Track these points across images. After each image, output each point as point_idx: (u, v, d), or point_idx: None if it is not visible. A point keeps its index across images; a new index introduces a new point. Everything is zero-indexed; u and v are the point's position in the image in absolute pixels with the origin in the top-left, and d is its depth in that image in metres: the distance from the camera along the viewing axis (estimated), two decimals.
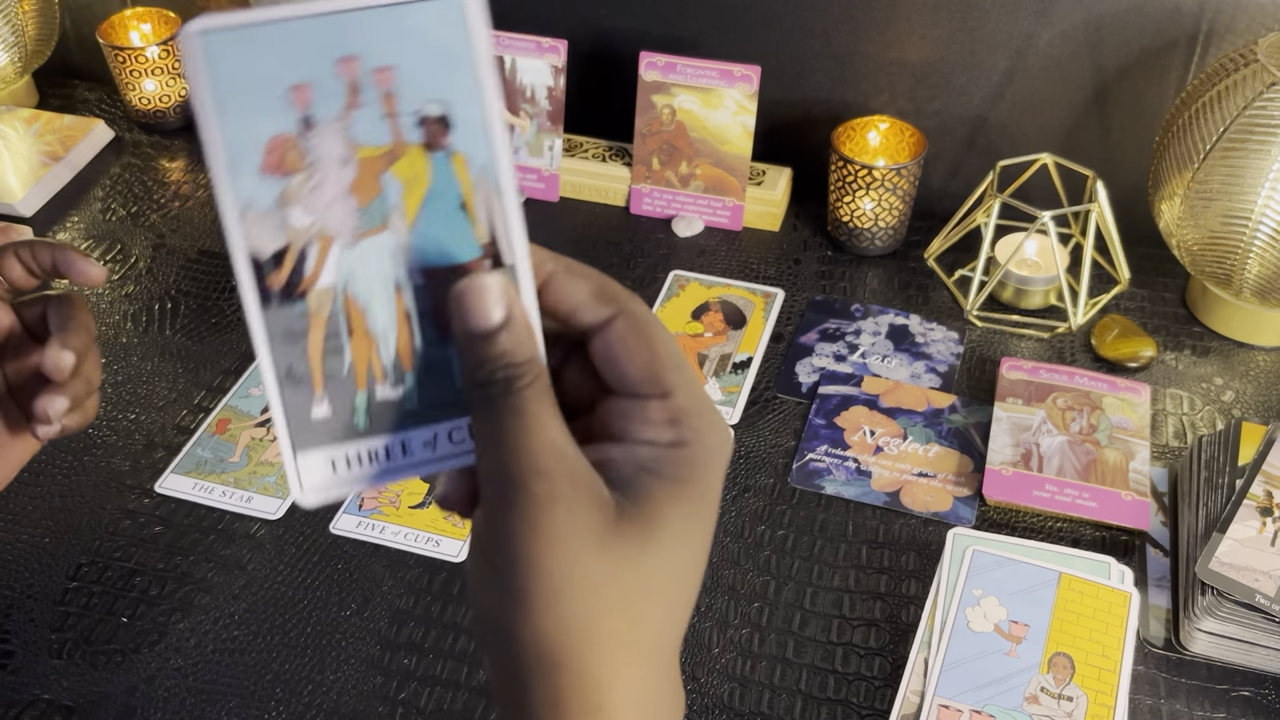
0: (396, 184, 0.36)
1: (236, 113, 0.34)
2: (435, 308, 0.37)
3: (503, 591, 0.33)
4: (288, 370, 0.36)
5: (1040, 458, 0.85)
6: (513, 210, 0.37)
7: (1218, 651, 0.74)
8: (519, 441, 0.33)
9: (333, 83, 0.35)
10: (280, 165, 0.35)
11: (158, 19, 1.24)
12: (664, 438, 0.35)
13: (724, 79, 1.06)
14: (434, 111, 0.36)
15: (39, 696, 0.74)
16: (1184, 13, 0.97)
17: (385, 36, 0.35)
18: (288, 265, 0.36)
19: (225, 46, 0.34)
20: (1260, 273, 0.88)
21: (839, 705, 0.73)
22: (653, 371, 0.36)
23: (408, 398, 0.37)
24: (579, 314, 0.37)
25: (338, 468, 0.37)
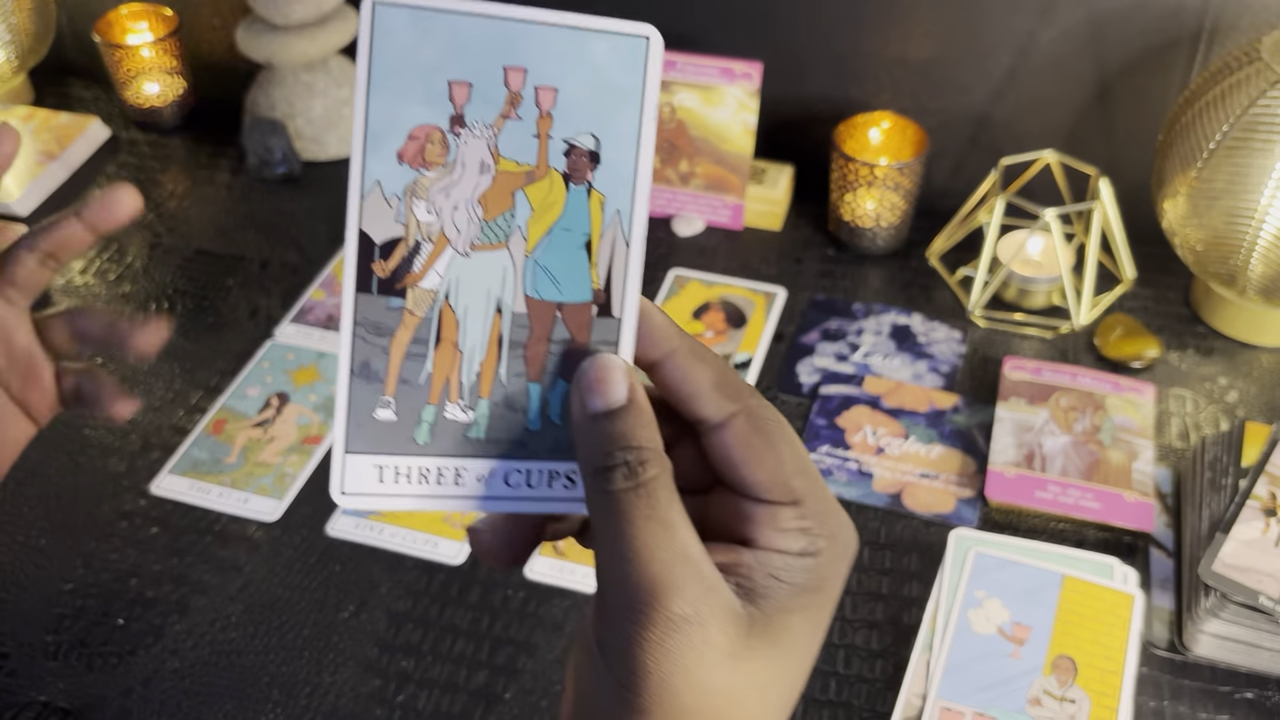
0: (527, 205, 0.35)
1: (390, 91, 0.34)
2: (530, 340, 0.36)
3: (620, 699, 0.32)
4: (364, 363, 0.35)
5: (1043, 458, 0.85)
6: (635, 264, 0.36)
7: (1221, 653, 0.73)
8: (652, 551, 0.32)
9: (494, 88, 0.34)
10: (419, 155, 0.34)
11: (154, 17, 1.23)
12: (795, 546, 0.34)
13: (725, 76, 1.06)
14: (586, 144, 0.35)
15: (35, 699, 0.74)
16: (1187, 10, 0.97)
17: (558, 56, 0.34)
18: (396, 256, 0.35)
19: (397, 22, 0.33)
20: (1265, 272, 0.88)
21: (840, 707, 0.73)
22: (781, 478, 0.34)
23: (475, 425, 0.36)
24: (696, 403, 0.35)
25: (385, 478, 0.36)
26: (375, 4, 0.33)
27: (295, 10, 1.10)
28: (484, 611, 0.78)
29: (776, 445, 0.34)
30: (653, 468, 0.33)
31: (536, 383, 0.36)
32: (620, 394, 0.34)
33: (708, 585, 0.32)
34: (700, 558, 0.32)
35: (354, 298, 0.35)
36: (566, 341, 0.36)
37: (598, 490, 0.33)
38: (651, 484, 0.32)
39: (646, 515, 0.32)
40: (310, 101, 1.16)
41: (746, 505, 0.35)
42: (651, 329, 0.35)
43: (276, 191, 1.16)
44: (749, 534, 0.34)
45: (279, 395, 0.93)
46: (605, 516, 0.33)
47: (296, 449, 0.89)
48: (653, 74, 0.35)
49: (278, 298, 1.03)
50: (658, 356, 0.35)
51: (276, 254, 1.08)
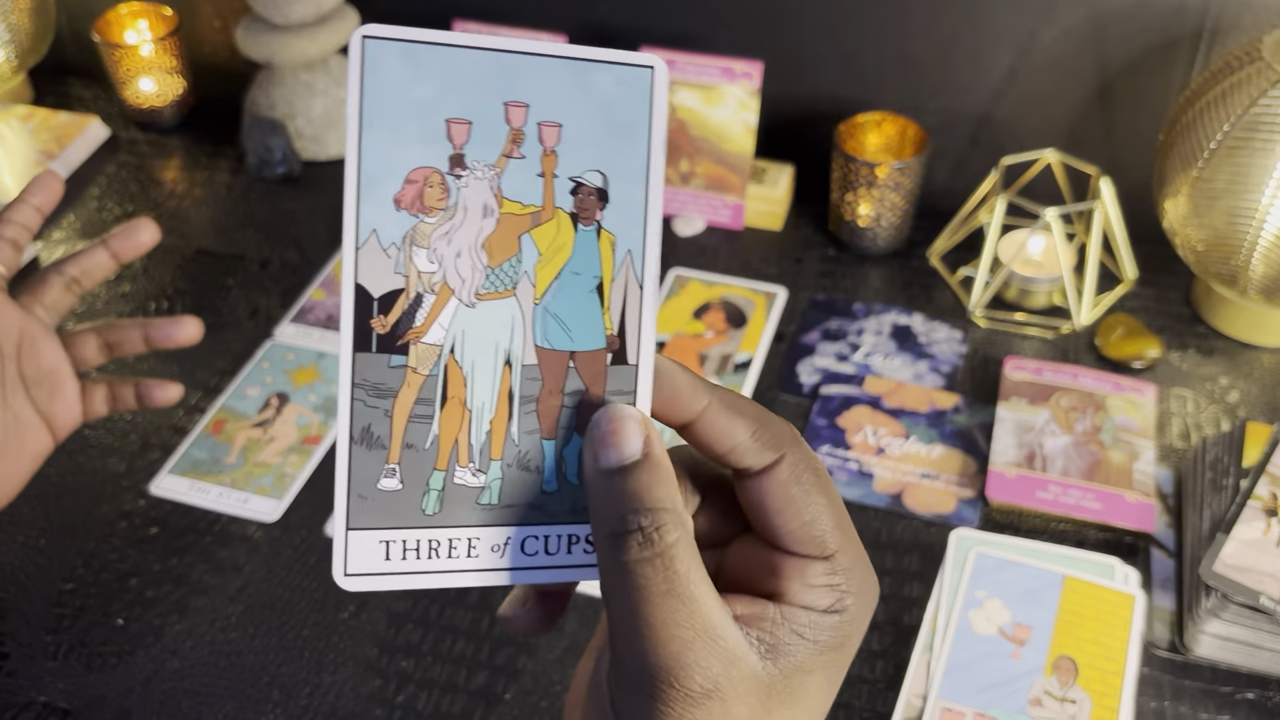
0: (534, 249, 0.33)
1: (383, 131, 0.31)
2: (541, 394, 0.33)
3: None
4: (365, 429, 0.33)
5: (1044, 458, 0.85)
6: (650, 307, 0.34)
7: (1222, 654, 0.73)
8: (670, 630, 0.30)
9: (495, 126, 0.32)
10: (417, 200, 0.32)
11: (154, 16, 1.23)
12: (823, 603, 0.32)
13: (725, 75, 1.06)
14: (594, 181, 0.33)
15: (34, 699, 0.74)
16: (1188, 9, 0.96)
17: (561, 90, 0.32)
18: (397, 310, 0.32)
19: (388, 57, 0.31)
20: (1266, 272, 0.88)
21: (840, 708, 0.72)
22: (817, 532, 0.33)
23: (488, 490, 0.33)
24: (734, 457, 0.33)
25: (391, 553, 0.33)
26: (364, 37, 0.31)
27: (295, 10, 1.10)
28: (484, 612, 0.78)
29: (816, 497, 0.33)
30: (671, 532, 0.31)
31: (551, 440, 0.34)
32: (634, 448, 0.32)
33: (729, 658, 0.31)
34: (722, 627, 0.31)
35: (352, 357, 0.32)
36: (581, 393, 0.34)
37: (611, 558, 0.31)
38: (669, 552, 0.30)
39: (664, 590, 0.30)
40: (310, 101, 1.15)
41: (775, 557, 0.33)
42: (678, 390, 0.33)
43: (276, 191, 1.15)
44: (775, 587, 0.33)
45: (279, 395, 0.93)
46: (619, 589, 0.31)
47: (296, 449, 0.89)
48: (659, 105, 0.33)
49: (277, 297, 1.03)
50: (690, 418, 0.33)
51: (276, 254, 1.08)
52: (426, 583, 0.33)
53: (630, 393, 0.34)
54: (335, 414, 0.91)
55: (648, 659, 0.30)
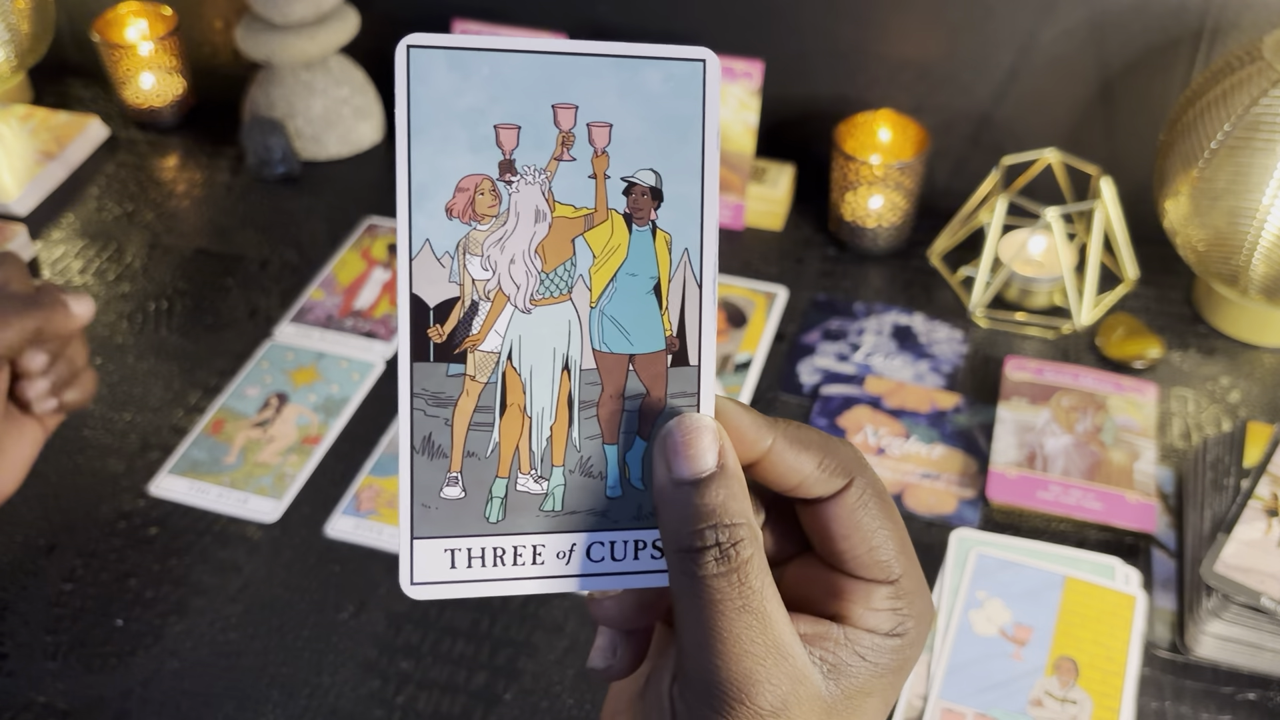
0: (589, 252, 0.33)
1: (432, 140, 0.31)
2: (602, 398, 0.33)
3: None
4: (426, 438, 0.32)
5: (1045, 459, 0.85)
6: (709, 306, 0.33)
7: (1224, 654, 0.73)
8: (744, 646, 0.30)
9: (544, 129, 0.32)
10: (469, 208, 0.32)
11: (153, 16, 1.23)
12: (885, 626, 0.33)
13: (726, 75, 1.06)
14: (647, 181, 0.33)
15: (34, 699, 0.74)
16: (1189, 9, 0.96)
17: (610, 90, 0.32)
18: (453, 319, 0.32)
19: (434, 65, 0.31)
20: (1267, 272, 0.88)
21: None
22: (883, 557, 0.33)
23: (550, 497, 0.33)
24: (803, 490, 0.33)
25: (457, 562, 0.33)
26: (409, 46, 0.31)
27: (295, 9, 1.10)
28: (484, 612, 0.78)
29: (883, 522, 0.33)
30: (747, 548, 0.31)
31: (613, 444, 0.33)
32: (710, 461, 0.31)
33: (798, 676, 0.31)
34: (791, 646, 0.31)
35: (410, 367, 0.32)
36: (642, 396, 0.33)
37: (685, 572, 0.31)
38: (745, 568, 0.30)
39: (740, 606, 0.30)
40: (310, 101, 1.15)
41: (839, 579, 0.33)
42: (741, 431, 0.32)
43: (276, 191, 1.15)
44: (839, 609, 0.33)
45: (278, 395, 0.93)
46: (693, 602, 0.31)
47: (296, 449, 0.89)
48: (711, 99, 0.32)
49: (277, 297, 1.03)
50: (755, 457, 0.33)
51: (276, 254, 1.08)
52: (492, 590, 0.33)
53: (693, 394, 0.33)
54: (340, 415, 0.91)
55: (720, 674, 0.30)
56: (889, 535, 0.33)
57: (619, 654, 0.35)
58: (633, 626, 0.35)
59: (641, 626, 0.35)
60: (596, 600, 0.35)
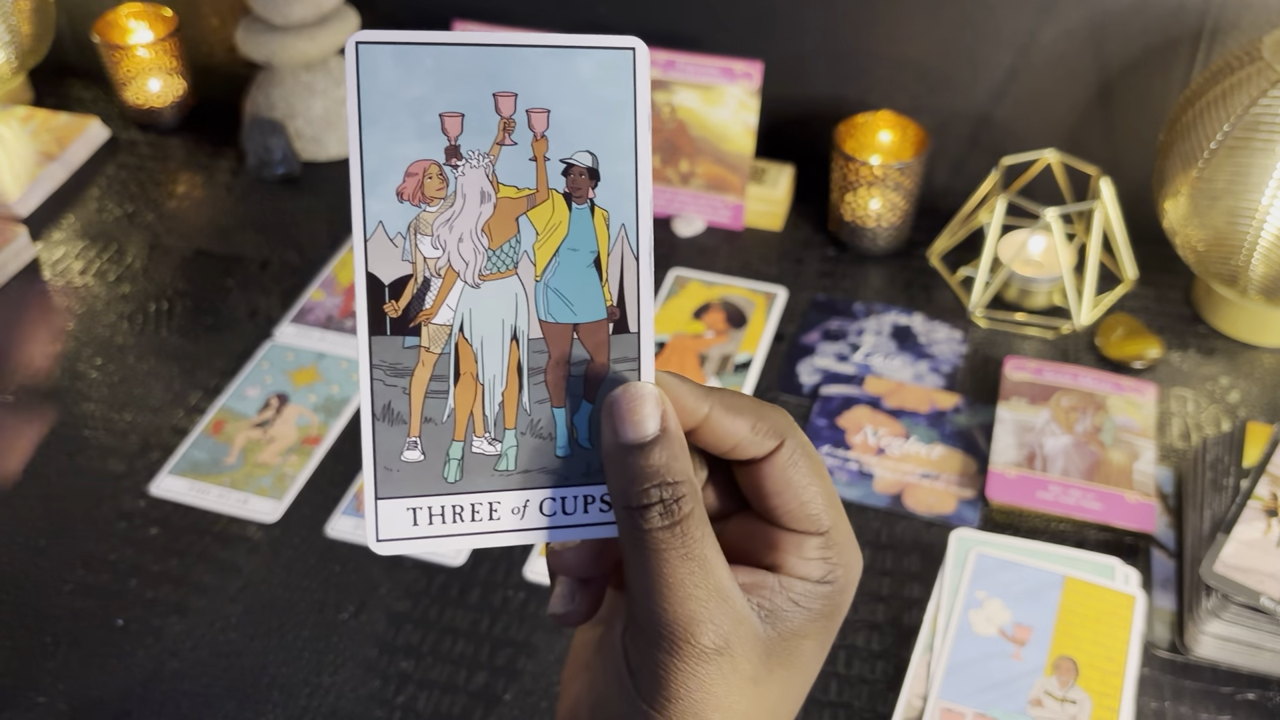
0: (532, 230, 0.35)
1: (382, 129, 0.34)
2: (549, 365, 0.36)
3: (644, 717, 0.33)
4: (386, 406, 0.35)
5: (1044, 459, 0.85)
6: (646, 277, 0.36)
7: (1223, 654, 0.73)
8: (687, 589, 0.33)
9: (486, 116, 0.34)
10: (418, 191, 0.34)
11: (154, 17, 1.23)
12: (816, 574, 0.35)
13: (725, 76, 1.06)
14: (584, 162, 0.35)
15: (34, 700, 0.74)
16: (1188, 10, 0.96)
17: (547, 77, 0.34)
18: (407, 295, 0.35)
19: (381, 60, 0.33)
20: (1266, 272, 0.88)
21: (841, 708, 0.72)
22: (813, 511, 0.35)
23: (504, 457, 0.36)
24: (739, 452, 0.35)
25: (419, 519, 0.35)
26: (358, 43, 0.33)
27: (295, 10, 1.10)
28: (484, 612, 0.78)
29: (811, 479, 0.35)
30: (688, 503, 0.33)
31: (561, 408, 0.36)
32: (653, 426, 0.34)
33: (738, 617, 0.33)
34: (731, 590, 0.34)
35: (369, 341, 0.34)
36: (586, 362, 0.36)
37: (632, 526, 0.33)
38: (686, 521, 0.33)
39: (683, 554, 0.33)
40: (310, 101, 1.15)
41: (773, 533, 0.36)
42: (680, 400, 0.35)
43: (276, 192, 1.15)
44: (773, 560, 0.35)
45: (279, 396, 0.93)
46: (640, 552, 0.33)
47: (296, 449, 0.89)
48: (642, 84, 0.35)
49: (277, 298, 1.03)
50: (694, 425, 0.35)
51: (276, 254, 1.08)
52: (452, 545, 0.36)
53: (634, 359, 0.36)
54: (340, 416, 0.91)
55: (665, 616, 0.33)
56: (818, 491, 0.35)
57: (576, 600, 0.37)
58: (588, 575, 0.37)
59: (595, 575, 0.37)
60: (554, 551, 0.37)
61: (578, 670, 0.38)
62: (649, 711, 0.33)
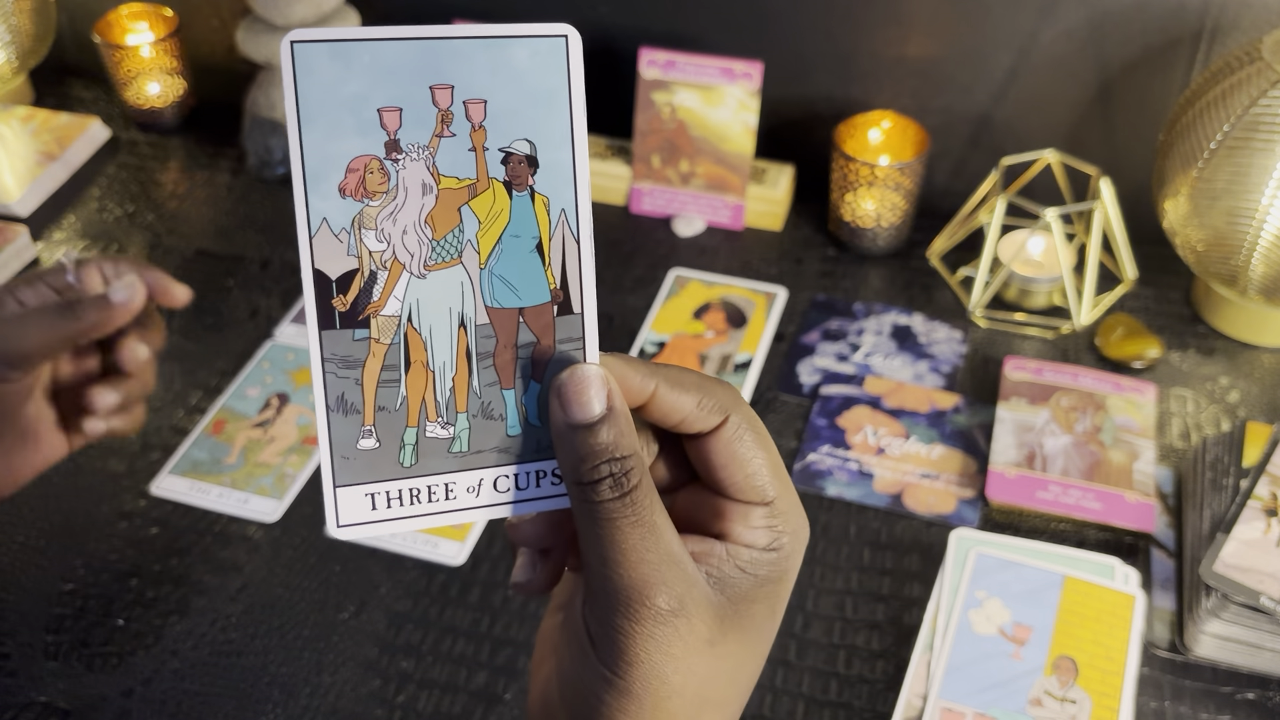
0: (474, 219, 0.36)
1: (321, 127, 0.34)
2: (497, 348, 0.36)
3: (609, 683, 0.35)
4: (340, 397, 0.36)
5: (1044, 459, 0.85)
6: (588, 258, 0.36)
7: (1223, 654, 0.73)
8: (640, 554, 0.34)
9: (424, 109, 0.34)
10: (360, 186, 0.35)
11: (154, 17, 1.23)
12: (762, 541, 0.37)
13: (725, 76, 1.06)
14: (523, 150, 0.35)
15: (34, 699, 0.74)
16: (1188, 10, 0.96)
17: (482, 68, 0.34)
18: (354, 289, 0.35)
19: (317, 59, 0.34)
20: (1266, 272, 0.88)
21: (841, 708, 0.72)
22: (759, 482, 0.37)
23: (457, 440, 0.37)
24: (685, 426, 0.37)
25: (377, 504, 0.36)
26: (293, 42, 0.33)
27: (295, 10, 1.10)
28: (484, 612, 0.78)
29: (757, 452, 0.37)
30: (636, 475, 0.35)
31: (510, 389, 0.37)
32: (599, 406, 0.35)
33: (690, 580, 0.35)
34: (682, 555, 0.35)
35: (319, 335, 0.35)
36: (533, 344, 0.37)
37: (584, 500, 0.35)
38: (635, 492, 0.34)
39: (633, 521, 0.34)
40: None
41: (721, 503, 0.37)
42: (626, 379, 0.36)
43: (276, 192, 1.15)
44: (721, 529, 0.37)
45: (279, 395, 0.93)
46: (592, 523, 0.35)
47: (296, 449, 0.89)
48: (576, 71, 0.35)
49: (278, 298, 1.03)
50: (641, 401, 0.36)
51: (276, 254, 1.08)
52: (411, 525, 0.37)
53: (579, 339, 0.37)
54: None
55: (621, 581, 0.34)
56: (763, 463, 0.37)
57: (537, 570, 0.39)
58: (547, 545, 0.39)
59: (553, 545, 0.39)
60: (514, 525, 0.39)
61: (544, 656, 0.40)
62: (612, 677, 0.35)
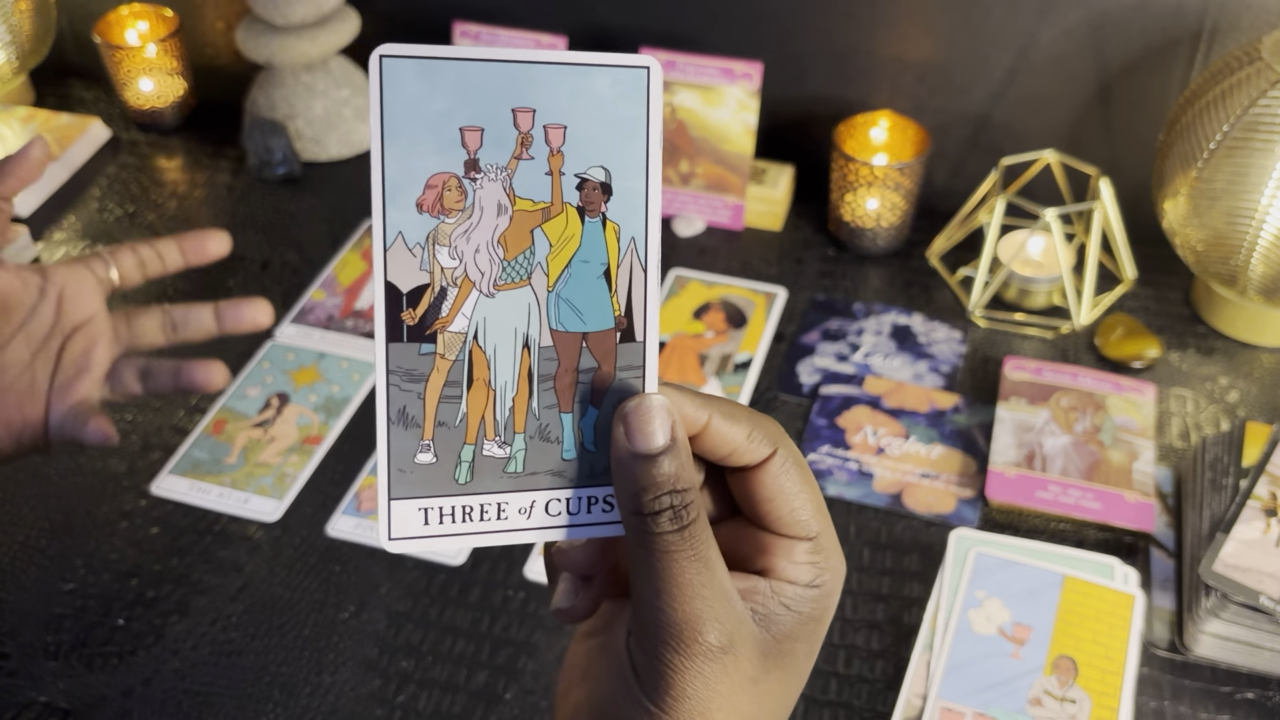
0: (546, 242, 0.36)
1: (404, 142, 0.34)
2: (558, 372, 0.37)
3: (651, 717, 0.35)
4: (401, 410, 0.36)
5: (1044, 458, 0.85)
6: (654, 288, 0.37)
7: (1222, 654, 0.73)
8: (695, 589, 0.34)
9: (504, 130, 0.35)
10: (437, 203, 0.35)
11: (155, 17, 1.23)
12: (805, 578, 0.37)
13: (725, 76, 1.06)
14: (598, 177, 0.36)
15: (35, 699, 0.74)
16: (1187, 10, 0.96)
17: (564, 94, 0.35)
18: (424, 304, 0.36)
19: (404, 74, 0.34)
20: (1265, 272, 0.88)
21: (841, 708, 0.72)
22: (803, 517, 0.37)
23: (513, 460, 0.37)
24: (735, 458, 0.37)
25: (430, 519, 0.37)
26: (382, 56, 0.34)
27: (295, 11, 1.10)
28: (484, 612, 0.78)
29: (802, 487, 0.37)
30: (695, 509, 0.35)
31: (568, 413, 0.37)
32: (663, 438, 0.35)
33: (740, 618, 0.35)
34: (733, 592, 0.35)
35: (386, 347, 0.36)
36: (594, 370, 0.37)
37: (642, 530, 0.35)
38: (694, 525, 0.34)
39: (690, 556, 0.34)
40: (310, 102, 1.16)
41: (764, 538, 0.37)
42: (682, 409, 0.36)
43: (277, 192, 1.16)
44: (764, 564, 0.37)
45: (279, 396, 0.93)
46: (648, 555, 0.35)
47: (297, 449, 0.89)
48: (655, 102, 0.36)
49: (278, 298, 1.03)
50: (694, 433, 0.36)
51: (277, 254, 1.08)
52: (462, 543, 0.37)
53: (639, 367, 0.37)
54: (340, 415, 0.91)
55: (673, 615, 0.34)
56: (808, 499, 0.37)
57: (579, 596, 0.39)
58: (590, 572, 0.39)
59: (596, 573, 0.39)
60: (560, 550, 0.39)
61: (575, 680, 0.39)
62: (656, 711, 0.34)
